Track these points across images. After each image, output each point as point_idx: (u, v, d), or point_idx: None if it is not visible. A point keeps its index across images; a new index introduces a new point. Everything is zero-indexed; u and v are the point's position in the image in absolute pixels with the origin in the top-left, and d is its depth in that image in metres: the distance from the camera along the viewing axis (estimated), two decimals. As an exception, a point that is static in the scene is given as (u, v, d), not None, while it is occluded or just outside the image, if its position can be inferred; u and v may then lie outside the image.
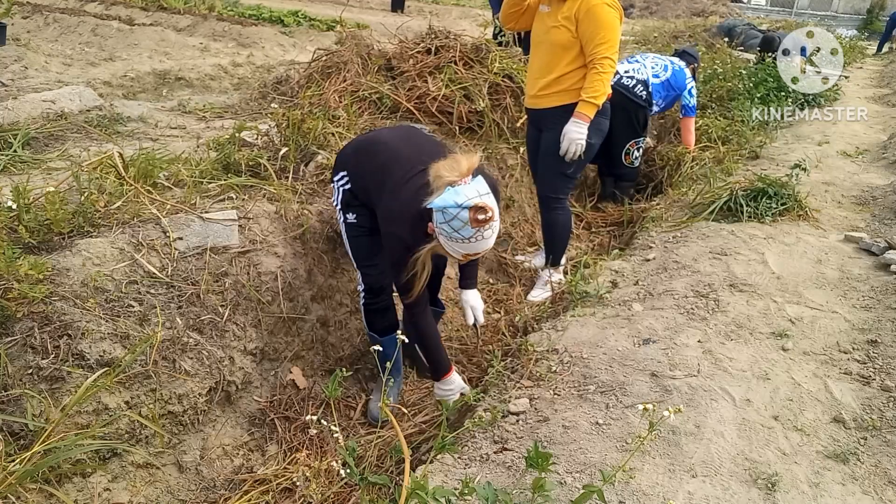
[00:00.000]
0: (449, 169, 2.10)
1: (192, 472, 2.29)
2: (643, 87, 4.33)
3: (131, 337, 2.15)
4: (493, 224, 2.07)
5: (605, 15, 3.06)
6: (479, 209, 2.00)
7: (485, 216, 2.01)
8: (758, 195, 3.77)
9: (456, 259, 2.25)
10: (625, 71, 4.35)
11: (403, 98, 4.14)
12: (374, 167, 2.44)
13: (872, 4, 20.94)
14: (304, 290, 2.87)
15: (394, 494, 1.84)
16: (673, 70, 4.50)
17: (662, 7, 20.36)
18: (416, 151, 2.41)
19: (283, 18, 10.33)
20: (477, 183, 2.07)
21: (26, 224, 2.34)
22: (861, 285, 2.97)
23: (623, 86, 4.22)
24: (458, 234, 2.05)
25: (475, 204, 2.00)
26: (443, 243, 2.13)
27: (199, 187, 3.01)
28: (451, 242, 2.10)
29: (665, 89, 4.51)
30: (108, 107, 4.58)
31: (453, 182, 2.06)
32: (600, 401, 2.19)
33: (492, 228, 2.09)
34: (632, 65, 4.45)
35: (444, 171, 2.09)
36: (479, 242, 2.09)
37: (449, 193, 2.03)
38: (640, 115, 4.40)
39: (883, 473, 1.92)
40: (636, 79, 4.31)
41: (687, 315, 2.68)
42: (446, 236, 2.09)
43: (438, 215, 2.06)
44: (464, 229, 2.04)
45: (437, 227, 2.10)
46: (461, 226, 2.03)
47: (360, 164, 2.52)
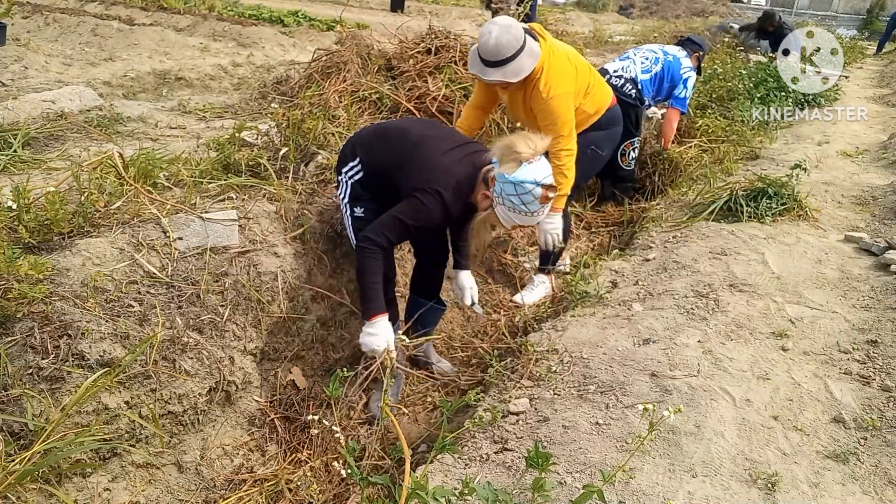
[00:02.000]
0: (525, 145, 2.23)
1: (192, 472, 2.29)
2: (632, 84, 4.25)
3: (131, 337, 2.15)
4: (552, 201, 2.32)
5: (557, 107, 3.00)
6: (551, 188, 2.22)
7: (554, 194, 2.26)
8: (758, 195, 3.77)
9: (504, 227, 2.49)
10: (613, 70, 4.29)
11: (403, 98, 4.14)
12: (399, 149, 2.45)
13: (872, 4, 20.93)
14: (304, 290, 2.87)
15: (394, 494, 1.84)
16: (665, 62, 4.37)
17: (662, 7, 20.38)
18: (447, 132, 2.58)
19: (283, 18, 10.33)
20: (545, 162, 2.25)
21: (26, 224, 2.34)
22: (861, 285, 2.97)
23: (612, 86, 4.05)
24: (525, 206, 2.22)
25: (549, 183, 2.21)
26: (501, 213, 2.28)
27: (199, 187, 3.01)
28: (513, 213, 2.25)
29: (655, 83, 4.38)
30: (108, 107, 4.58)
31: (528, 158, 2.20)
32: (600, 401, 2.19)
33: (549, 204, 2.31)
34: (622, 62, 4.37)
35: (520, 146, 2.22)
36: (537, 216, 2.31)
37: (526, 169, 2.19)
38: (633, 114, 4.28)
39: (883, 473, 1.92)
40: (624, 77, 4.24)
41: (687, 315, 2.68)
42: (511, 207, 2.24)
43: (510, 187, 2.20)
44: (532, 204, 2.21)
45: (504, 197, 2.23)
46: (531, 200, 2.20)
47: (380, 150, 2.51)
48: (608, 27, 15.34)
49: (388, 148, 2.48)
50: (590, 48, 10.79)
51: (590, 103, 3.30)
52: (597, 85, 3.35)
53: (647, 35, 11.36)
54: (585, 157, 3.32)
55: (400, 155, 2.43)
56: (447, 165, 2.31)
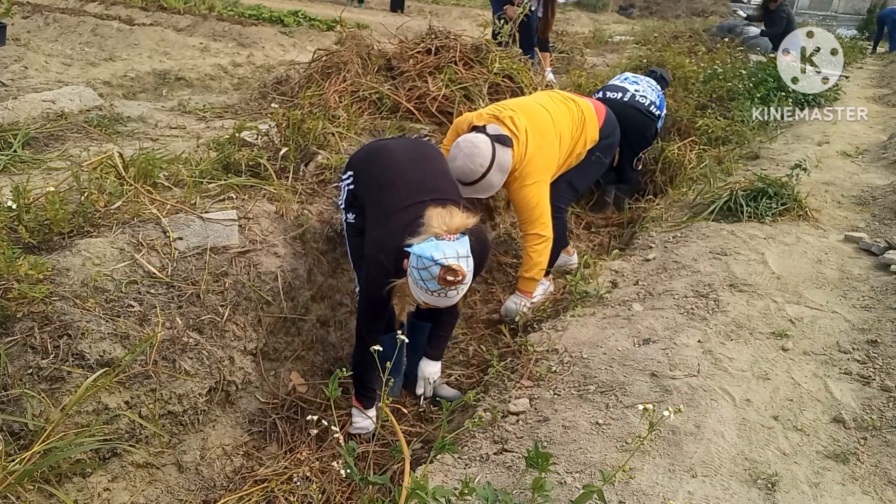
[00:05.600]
0: (439, 220, 2.15)
1: (192, 472, 2.29)
2: (654, 107, 4.48)
3: (131, 337, 2.15)
4: (459, 287, 2.13)
5: (530, 196, 3.08)
6: (450, 270, 2.05)
7: (453, 278, 2.06)
8: (758, 195, 3.78)
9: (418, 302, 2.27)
10: (636, 90, 4.47)
11: (403, 98, 4.14)
12: (376, 179, 2.48)
13: (873, 4, 20.91)
14: (304, 290, 2.87)
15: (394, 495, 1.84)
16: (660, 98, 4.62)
17: (662, 7, 20.36)
18: (418, 178, 2.45)
19: (283, 18, 10.33)
20: (460, 244, 2.10)
21: (26, 224, 2.34)
22: (861, 285, 2.97)
23: (639, 103, 4.36)
24: (424, 283, 2.10)
25: (448, 265, 2.04)
26: (409, 283, 2.18)
27: (199, 187, 3.01)
28: (416, 288, 2.15)
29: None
30: (108, 107, 4.58)
31: (438, 235, 2.11)
32: (600, 401, 2.19)
33: (457, 290, 2.14)
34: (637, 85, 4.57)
35: (434, 221, 2.15)
36: (441, 298, 2.15)
37: (430, 244, 2.08)
38: (653, 128, 4.55)
39: (883, 473, 1.92)
40: (648, 99, 4.45)
41: (687, 315, 2.68)
42: (413, 281, 2.14)
43: (413, 259, 2.11)
44: (430, 282, 2.08)
45: (409, 268, 2.15)
46: (429, 278, 2.07)
47: (365, 170, 2.56)
48: (608, 27, 15.35)
49: (370, 176, 2.53)
50: (590, 48, 10.80)
51: (589, 137, 3.40)
52: (588, 121, 3.40)
53: (647, 35, 11.33)
54: (590, 164, 3.47)
55: (373, 190, 2.48)
56: (395, 229, 2.27)
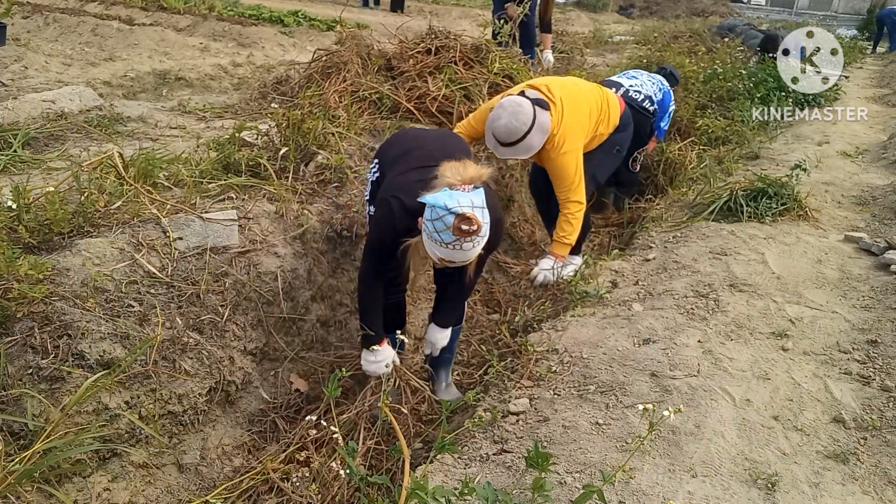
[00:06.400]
0: (453, 171, 2.09)
1: (192, 472, 2.29)
2: (650, 101, 4.39)
3: (131, 337, 2.15)
4: (476, 238, 2.05)
5: (566, 164, 3.18)
6: (465, 219, 1.98)
7: (468, 227, 1.99)
8: (758, 195, 3.78)
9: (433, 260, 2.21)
10: (630, 85, 4.37)
11: (403, 98, 4.14)
12: (398, 152, 2.49)
13: (873, 4, 20.91)
14: (304, 290, 2.87)
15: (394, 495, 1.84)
16: (665, 92, 4.56)
17: (662, 7, 20.36)
18: (438, 147, 2.46)
19: (283, 18, 10.32)
20: (475, 194, 2.05)
21: (26, 224, 2.34)
22: (861, 285, 2.97)
23: (632, 99, 4.25)
24: (438, 235, 2.04)
25: (463, 213, 1.98)
26: (424, 239, 2.13)
27: (199, 187, 3.01)
28: (431, 242, 2.09)
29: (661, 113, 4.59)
30: (108, 107, 4.57)
31: (452, 185, 2.05)
32: (600, 401, 2.19)
33: (473, 242, 2.06)
34: (633, 80, 4.48)
35: (448, 172, 2.10)
36: (456, 251, 2.07)
37: (443, 194, 2.02)
38: (647, 125, 4.46)
39: (883, 473, 1.93)
40: (642, 94, 4.36)
41: (687, 315, 2.68)
42: (427, 234, 2.09)
43: (427, 211, 2.06)
44: (445, 233, 2.02)
45: (424, 223, 2.10)
46: (443, 228, 2.01)
47: (389, 151, 2.57)
48: (608, 27, 15.35)
49: (390, 153, 2.55)
50: (590, 48, 10.80)
51: (611, 122, 3.49)
52: (611, 103, 3.51)
53: (647, 35, 11.34)
54: (609, 155, 3.57)
55: (395, 158, 2.48)
56: (408, 182, 2.26)
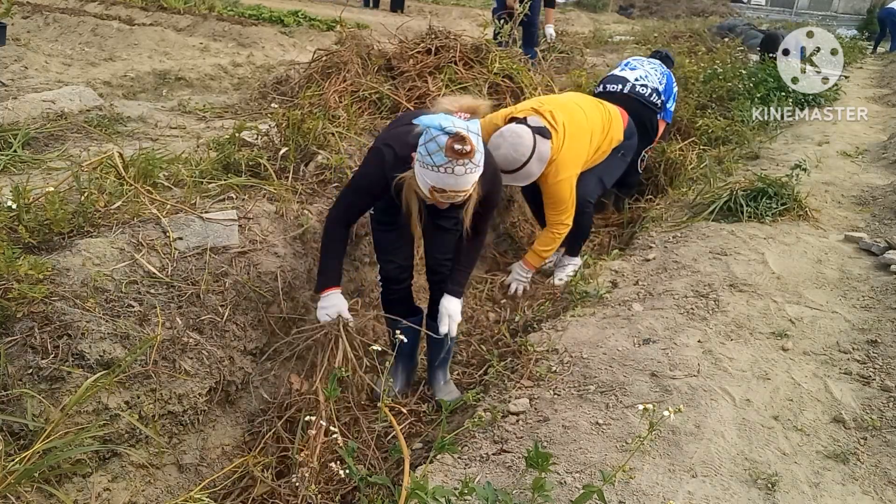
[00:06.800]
0: (451, 100, 2.09)
1: (192, 472, 2.29)
2: (656, 95, 4.27)
3: (131, 337, 2.15)
4: (468, 163, 2.00)
5: (560, 190, 3.27)
6: (459, 138, 1.93)
7: (461, 147, 1.94)
8: (758, 195, 3.78)
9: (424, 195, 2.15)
10: (636, 79, 4.26)
11: (403, 98, 4.14)
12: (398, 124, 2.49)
13: (873, 4, 20.90)
14: (304, 290, 2.86)
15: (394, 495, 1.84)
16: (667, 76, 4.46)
17: (662, 7, 20.37)
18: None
19: (283, 18, 10.32)
20: (471, 122, 2.02)
21: (26, 224, 2.34)
22: (861, 285, 2.97)
23: (639, 94, 4.16)
24: (430, 158, 1.99)
25: (458, 132, 1.93)
26: (416, 170, 2.09)
27: (199, 187, 3.01)
28: (422, 168, 2.05)
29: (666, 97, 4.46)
30: (108, 107, 4.57)
31: (447, 110, 2.04)
32: (600, 401, 2.19)
33: (466, 168, 2.00)
34: (637, 71, 4.36)
35: (445, 101, 2.09)
36: (448, 176, 2.01)
37: (438, 116, 2.00)
38: (653, 120, 4.34)
39: (883, 473, 1.93)
40: (649, 87, 4.24)
41: (687, 315, 2.68)
42: (419, 161, 2.05)
43: (422, 137, 2.03)
44: (437, 154, 1.97)
45: (417, 151, 2.06)
46: (436, 150, 1.97)
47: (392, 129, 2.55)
48: (608, 27, 15.34)
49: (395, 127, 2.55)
50: (590, 48, 10.80)
51: (614, 137, 3.53)
52: (613, 122, 3.54)
53: (647, 35, 11.35)
54: (615, 161, 3.60)
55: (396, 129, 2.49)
56: (401, 131, 2.25)
